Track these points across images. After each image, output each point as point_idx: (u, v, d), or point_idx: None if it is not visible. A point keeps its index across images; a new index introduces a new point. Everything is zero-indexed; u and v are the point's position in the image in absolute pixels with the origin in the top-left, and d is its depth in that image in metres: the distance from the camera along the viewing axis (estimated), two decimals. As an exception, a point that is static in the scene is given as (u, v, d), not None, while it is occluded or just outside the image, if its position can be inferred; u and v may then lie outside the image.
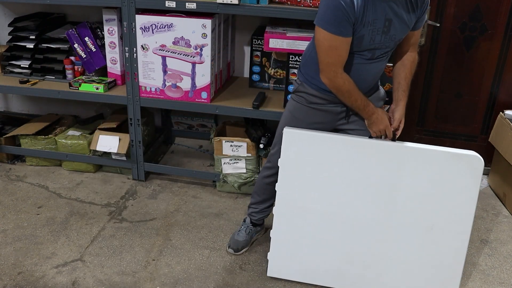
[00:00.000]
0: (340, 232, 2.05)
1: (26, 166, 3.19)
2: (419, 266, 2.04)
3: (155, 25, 2.56)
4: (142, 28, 2.58)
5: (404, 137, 3.25)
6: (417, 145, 1.94)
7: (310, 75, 2.02)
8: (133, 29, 2.60)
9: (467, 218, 1.95)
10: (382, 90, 2.19)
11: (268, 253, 2.17)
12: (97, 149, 2.94)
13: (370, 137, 2.01)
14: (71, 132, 3.14)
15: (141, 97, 2.76)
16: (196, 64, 2.60)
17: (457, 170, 1.89)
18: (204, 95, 2.68)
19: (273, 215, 2.14)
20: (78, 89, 2.83)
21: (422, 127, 3.27)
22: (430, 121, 3.24)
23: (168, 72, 2.65)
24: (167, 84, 2.69)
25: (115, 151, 2.92)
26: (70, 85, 2.85)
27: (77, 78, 2.92)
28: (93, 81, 2.86)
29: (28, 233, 2.52)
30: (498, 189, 3.02)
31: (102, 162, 3.06)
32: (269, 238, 2.18)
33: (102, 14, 2.75)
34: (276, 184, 2.06)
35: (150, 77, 2.69)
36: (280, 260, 2.17)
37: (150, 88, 2.72)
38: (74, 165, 3.12)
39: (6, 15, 3.30)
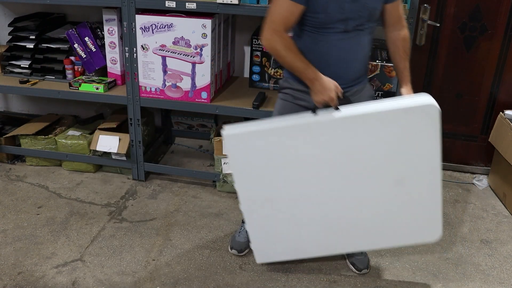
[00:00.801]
0: (313, 208, 2.01)
1: (26, 166, 3.19)
2: (398, 219, 2.02)
3: (155, 25, 2.56)
4: (142, 28, 2.58)
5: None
6: (364, 110, 1.81)
7: None
8: (133, 29, 2.60)
9: (434, 165, 1.88)
10: (370, 88, 2.14)
11: (251, 244, 2.16)
12: (97, 149, 2.94)
13: (315, 108, 1.85)
14: (71, 132, 3.14)
15: (141, 97, 2.76)
16: (196, 64, 2.60)
17: (413, 123, 1.79)
18: (204, 95, 2.68)
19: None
20: (78, 89, 2.83)
21: (422, 127, 3.27)
22: (430, 121, 3.24)
23: (168, 72, 2.65)
24: (167, 84, 2.69)
25: (115, 151, 2.92)
26: (70, 85, 2.85)
27: (77, 78, 2.92)
28: (93, 81, 2.86)
29: (28, 233, 2.52)
30: (498, 189, 3.02)
31: (102, 162, 3.06)
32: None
33: (102, 14, 2.75)
34: (234, 184, 2.00)
35: (150, 77, 2.69)
36: (263, 247, 2.17)
37: (150, 88, 2.72)
38: (74, 165, 3.12)
39: (6, 15, 3.30)
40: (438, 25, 2.94)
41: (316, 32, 1.85)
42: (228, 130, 1.86)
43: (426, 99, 1.78)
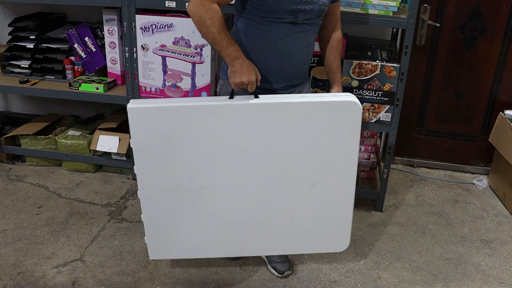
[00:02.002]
0: (216, 202, 1.87)
1: (26, 166, 3.19)
2: (307, 223, 1.93)
3: (155, 25, 2.56)
4: (142, 28, 2.58)
5: (404, 137, 3.28)
6: (283, 99, 1.72)
7: None
8: (133, 29, 2.60)
9: (350, 168, 1.80)
10: (309, 91, 2.08)
11: (145, 237, 2.00)
12: (97, 149, 2.94)
13: (233, 93, 1.73)
14: (71, 132, 3.14)
15: (141, 97, 2.76)
16: (196, 64, 2.60)
17: (332, 119, 1.71)
18: (204, 95, 2.68)
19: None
20: (78, 89, 2.83)
21: (422, 127, 3.27)
22: (430, 121, 3.24)
23: (168, 72, 2.65)
24: (167, 84, 2.69)
25: (115, 151, 2.92)
26: (70, 85, 2.85)
27: (77, 78, 2.92)
28: (93, 81, 2.86)
29: (28, 233, 2.52)
30: (498, 189, 3.02)
31: (102, 162, 3.06)
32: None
33: (102, 14, 2.74)
34: (134, 166, 1.83)
35: (150, 77, 2.69)
36: (159, 242, 2.00)
37: (150, 88, 2.72)
38: (74, 165, 3.12)
39: (6, 15, 3.30)
40: (438, 25, 2.94)
41: (261, 22, 1.78)
42: (132, 103, 1.71)
43: (349, 97, 1.73)
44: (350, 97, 1.72)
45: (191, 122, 1.71)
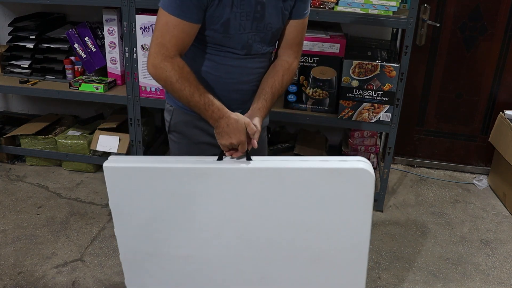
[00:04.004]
0: (205, 274, 1.63)
1: (26, 166, 3.19)
2: None
3: (155, 25, 2.55)
4: (142, 28, 2.58)
5: (404, 137, 3.28)
6: (280, 163, 1.45)
7: None
8: (133, 29, 2.60)
9: (361, 244, 1.51)
10: (267, 117, 1.75)
11: None
12: (97, 149, 2.94)
13: (222, 154, 1.48)
14: (71, 132, 3.14)
15: (141, 97, 2.76)
16: (196, 64, 2.60)
17: (338, 188, 1.43)
18: (204, 95, 2.68)
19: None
20: (78, 89, 2.83)
21: (422, 127, 3.27)
22: (430, 121, 3.24)
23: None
24: (167, 84, 2.68)
25: (115, 151, 2.92)
26: (70, 85, 2.85)
27: (77, 78, 2.92)
28: (93, 81, 2.86)
29: (28, 233, 2.52)
30: (498, 189, 3.02)
31: (102, 162, 3.03)
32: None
33: (102, 14, 2.74)
34: (114, 229, 1.61)
35: (150, 77, 2.68)
36: None
37: (150, 88, 2.72)
38: (74, 165, 3.12)
39: (6, 15, 3.30)
40: (438, 25, 2.94)
41: (210, 52, 1.52)
42: (110, 161, 1.53)
43: (359, 163, 1.41)
44: (361, 163, 1.41)
45: (174, 185, 1.48)
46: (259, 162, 1.45)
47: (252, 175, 1.44)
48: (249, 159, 1.45)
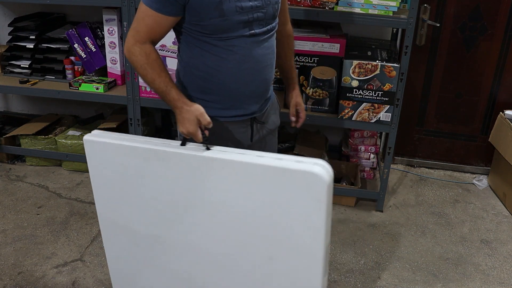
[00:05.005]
0: (172, 255, 1.65)
1: (26, 166, 3.19)
2: None
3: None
4: (142, 28, 2.57)
5: (404, 137, 3.28)
6: (236, 155, 1.42)
7: (189, 92, 1.63)
8: (133, 29, 2.60)
9: (315, 252, 1.41)
10: (278, 117, 1.83)
11: (111, 277, 1.86)
12: (97, 149, 2.93)
13: (185, 140, 1.52)
14: (71, 132, 3.14)
15: (141, 97, 2.76)
16: (196, 64, 2.60)
17: (290, 189, 1.36)
18: (204, 95, 2.68)
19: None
20: (78, 89, 2.83)
21: (422, 127, 3.27)
22: (430, 121, 3.24)
23: (169, 72, 2.65)
24: (167, 84, 2.68)
25: (115, 151, 2.92)
26: (70, 85, 2.85)
27: (77, 78, 2.92)
28: (93, 81, 2.86)
29: (28, 233, 2.52)
30: (498, 189, 3.02)
31: (102, 162, 3.06)
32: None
33: (102, 14, 2.75)
34: (94, 198, 1.68)
35: (150, 77, 2.68)
36: (124, 283, 1.85)
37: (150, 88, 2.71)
38: (74, 165, 3.12)
39: (6, 15, 3.30)
40: (438, 25, 2.94)
41: (216, 44, 1.52)
42: (90, 135, 1.59)
43: (313, 166, 1.31)
44: (316, 167, 1.31)
45: (141, 165, 1.53)
46: (216, 152, 1.45)
47: (208, 164, 1.44)
48: (208, 148, 1.46)
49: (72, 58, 2.95)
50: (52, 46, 2.95)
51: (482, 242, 2.58)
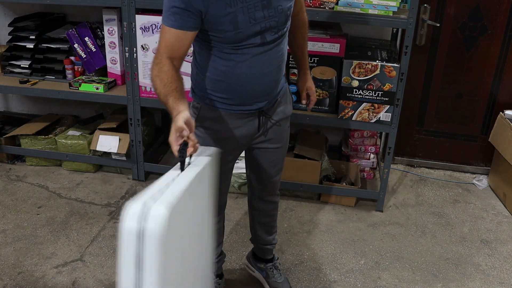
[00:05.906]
0: None
1: (26, 166, 3.19)
2: None
3: (155, 25, 2.56)
4: (142, 28, 2.58)
5: (404, 137, 3.28)
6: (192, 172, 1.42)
7: (203, 89, 1.69)
8: (133, 29, 2.60)
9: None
10: (289, 107, 1.87)
11: None
12: (97, 149, 2.94)
13: (183, 164, 1.47)
14: (71, 132, 3.14)
15: (141, 97, 2.76)
16: (196, 64, 2.60)
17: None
18: (204, 95, 2.68)
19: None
20: (78, 89, 2.83)
21: (422, 127, 3.27)
22: (430, 121, 3.24)
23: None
24: (167, 84, 2.68)
25: (115, 151, 2.92)
26: (70, 85, 2.85)
27: (77, 78, 2.92)
28: (93, 81, 2.86)
29: (28, 233, 2.52)
30: (498, 189, 3.02)
31: (102, 162, 3.06)
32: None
33: (102, 14, 2.75)
34: None
35: (150, 77, 2.68)
36: None
37: (150, 88, 2.72)
38: (74, 165, 3.12)
39: (6, 15, 3.30)
40: (438, 25, 2.94)
41: (228, 52, 1.57)
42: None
43: (156, 208, 1.16)
44: (157, 207, 1.15)
45: None
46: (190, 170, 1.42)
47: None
48: (182, 166, 1.44)
49: (72, 58, 2.95)
50: (52, 46, 2.95)
51: (482, 242, 2.58)
